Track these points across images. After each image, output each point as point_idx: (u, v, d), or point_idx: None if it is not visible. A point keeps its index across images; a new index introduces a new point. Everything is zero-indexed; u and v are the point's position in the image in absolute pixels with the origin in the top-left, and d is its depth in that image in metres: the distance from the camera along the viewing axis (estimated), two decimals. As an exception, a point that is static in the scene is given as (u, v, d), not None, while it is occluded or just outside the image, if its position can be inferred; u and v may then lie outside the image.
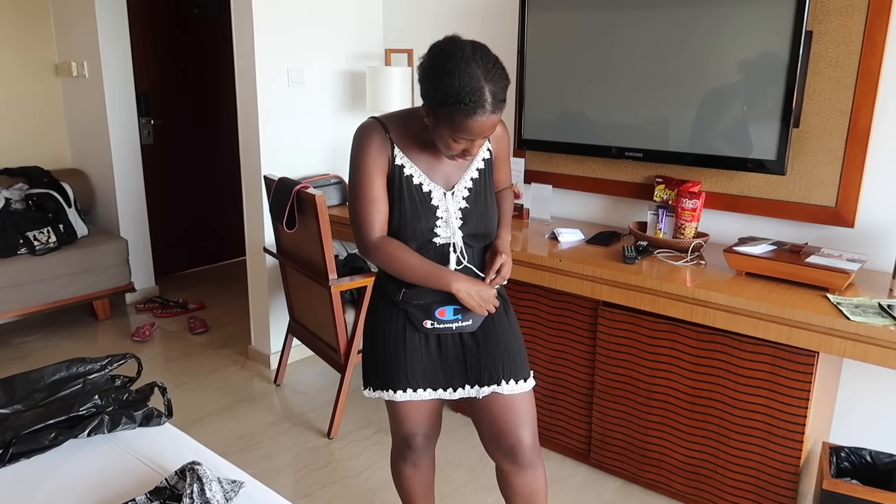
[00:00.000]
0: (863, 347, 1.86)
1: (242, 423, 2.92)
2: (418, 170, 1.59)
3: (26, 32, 4.08)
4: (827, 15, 2.23)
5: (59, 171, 4.10)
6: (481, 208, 1.65)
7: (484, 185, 1.66)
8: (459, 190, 1.63)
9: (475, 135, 1.45)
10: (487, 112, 1.41)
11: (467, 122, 1.42)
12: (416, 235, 1.59)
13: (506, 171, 1.82)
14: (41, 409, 1.66)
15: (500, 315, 1.73)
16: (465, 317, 1.66)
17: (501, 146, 1.73)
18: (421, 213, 1.59)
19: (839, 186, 2.30)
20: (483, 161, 1.66)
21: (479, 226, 1.64)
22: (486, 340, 1.69)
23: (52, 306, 3.68)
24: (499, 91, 1.42)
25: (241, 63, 3.16)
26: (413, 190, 1.59)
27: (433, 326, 1.65)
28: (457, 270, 1.64)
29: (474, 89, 1.39)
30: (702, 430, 2.27)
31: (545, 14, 2.78)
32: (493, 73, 1.41)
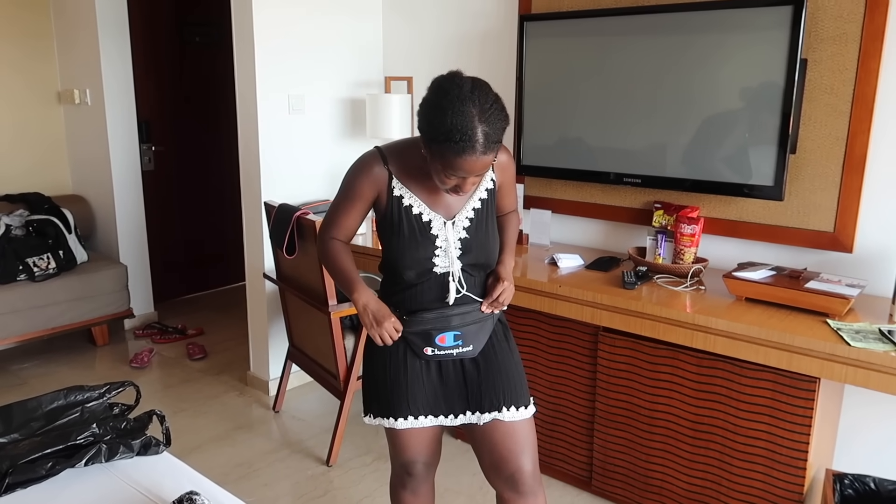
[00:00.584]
0: (864, 373, 1.85)
1: (241, 450, 2.90)
2: (418, 200, 1.61)
3: (29, 60, 4.12)
4: (821, 43, 2.26)
5: (60, 198, 4.11)
6: (482, 238, 1.65)
7: (486, 215, 1.66)
8: (460, 220, 1.64)
9: (465, 173, 1.46)
10: (478, 153, 1.41)
11: (457, 161, 1.43)
12: (415, 264, 1.61)
13: (512, 196, 1.83)
14: (38, 438, 1.65)
15: (501, 341, 1.74)
16: (466, 343, 1.67)
17: (506, 175, 1.74)
18: (420, 243, 1.60)
19: (837, 212, 2.31)
20: (486, 191, 1.67)
21: (479, 256, 1.66)
22: (488, 367, 1.70)
23: (50, 332, 3.67)
24: (493, 132, 1.42)
25: (242, 90, 3.19)
26: (413, 220, 1.61)
27: (434, 353, 1.66)
28: (456, 299, 1.65)
29: (465, 129, 1.39)
30: (704, 456, 2.25)
31: (544, 41, 2.81)
32: (488, 113, 1.41)
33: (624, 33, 2.60)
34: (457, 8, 3.27)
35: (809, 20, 2.24)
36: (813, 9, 2.24)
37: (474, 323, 1.67)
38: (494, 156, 1.46)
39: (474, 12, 3.20)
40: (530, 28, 2.84)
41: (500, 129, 1.44)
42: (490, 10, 3.13)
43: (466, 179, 1.49)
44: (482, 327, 1.70)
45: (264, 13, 3.06)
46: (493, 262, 1.70)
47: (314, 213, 2.81)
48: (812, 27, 2.25)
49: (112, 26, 3.91)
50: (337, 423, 2.78)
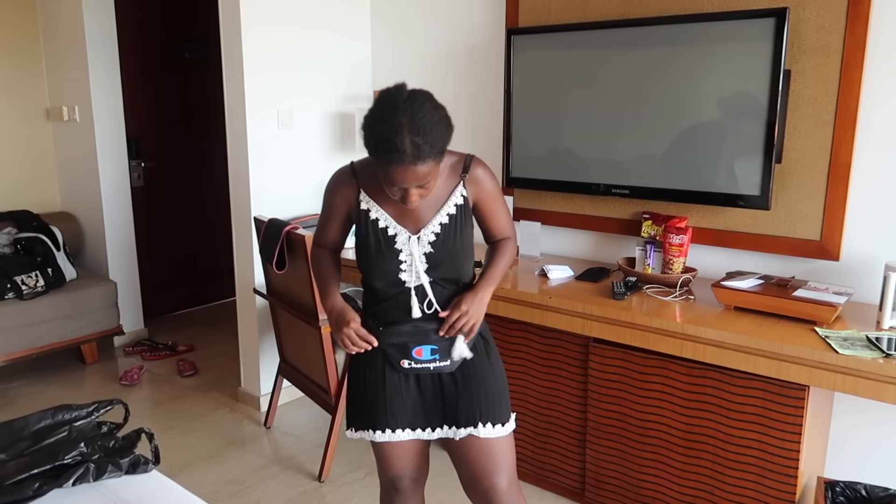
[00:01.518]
0: (853, 380, 1.87)
1: (232, 467, 2.88)
2: (384, 213, 1.62)
3: (17, 77, 4.11)
4: (804, 54, 2.29)
5: (49, 215, 4.09)
6: (448, 254, 1.63)
7: (454, 231, 1.64)
8: (426, 234, 1.62)
9: (398, 183, 1.46)
10: (406, 163, 1.41)
11: (390, 171, 1.44)
12: (382, 276, 1.63)
13: (499, 218, 1.76)
14: (25, 459, 1.63)
15: (481, 356, 1.72)
16: (444, 357, 1.65)
17: (481, 192, 1.68)
18: (385, 256, 1.62)
19: (823, 220, 2.33)
20: (455, 206, 1.64)
21: (448, 271, 1.64)
22: (465, 382, 1.68)
23: (38, 351, 3.64)
24: (424, 142, 1.41)
25: (231, 105, 3.19)
26: (378, 233, 1.62)
27: (410, 366, 1.66)
28: (428, 314, 1.65)
29: (392, 139, 1.40)
30: (696, 466, 2.25)
31: (531, 54, 2.84)
32: (420, 122, 1.41)
33: (610, 46, 2.62)
34: (445, 22, 3.29)
35: (792, 32, 2.27)
36: (795, 21, 2.27)
37: (452, 337, 1.65)
38: (432, 166, 1.45)
39: (462, 26, 3.23)
40: (517, 41, 2.86)
41: (436, 137, 1.43)
42: (477, 25, 3.16)
43: (409, 190, 1.49)
44: (460, 342, 1.67)
45: (253, 29, 3.07)
46: (465, 277, 1.69)
47: (304, 227, 2.81)
48: (795, 39, 2.28)
49: (101, 42, 3.91)
50: (328, 439, 2.76)
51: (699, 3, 2.48)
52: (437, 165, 1.48)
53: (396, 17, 3.49)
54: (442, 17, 3.30)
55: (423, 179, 1.46)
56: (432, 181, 1.50)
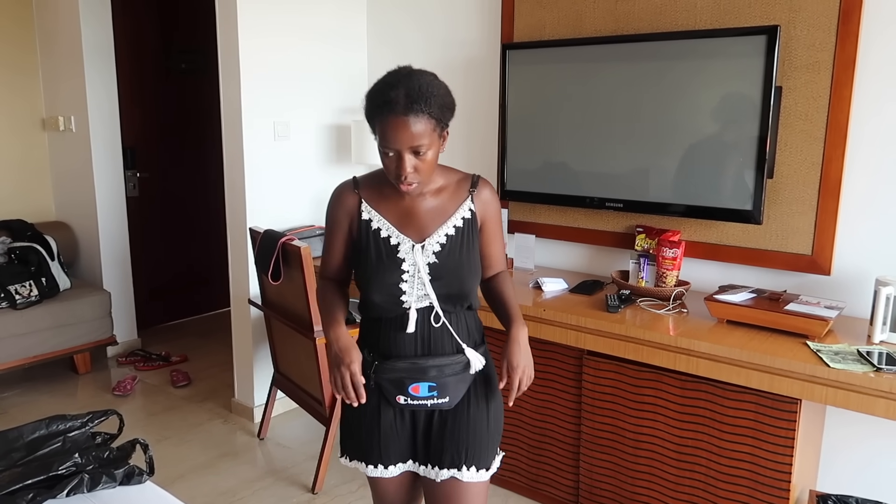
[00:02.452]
0: (844, 394, 1.88)
1: (225, 478, 2.87)
2: (387, 223, 1.57)
3: (14, 87, 4.12)
4: (795, 71, 2.32)
5: (43, 224, 4.09)
6: (453, 266, 1.56)
7: (460, 244, 1.58)
8: (431, 244, 1.56)
9: (390, 142, 1.43)
10: (397, 113, 1.40)
11: (381, 126, 1.43)
12: (381, 289, 1.55)
13: (498, 246, 1.71)
14: (19, 469, 1.63)
15: (478, 395, 1.63)
16: (442, 394, 1.57)
17: (488, 211, 1.64)
18: (386, 267, 1.55)
19: (814, 235, 2.35)
20: (462, 220, 1.59)
21: (452, 284, 1.56)
22: (455, 420, 1.61)
23: (31, 361, 3.62)
24: (417, 95, 1.40)
25: (227, 117, 3.21)
26: (380, 243, 1.57)
27: (406, 402, 1.58)
28: (423, 349, 1.56)
29: (386, 90, 1.41)
30: (689, 479, 2.26)
31: (526, 68, 2.86)
32: (417, 81, 1.42)
33: (604, 61, 2.65)
34: (441, 37, 3.32)
35: (783, 49, 2.31)
36: (786, 38, 2.31)
37: (453, 375, 1.57)
38: (426, 127, 1.42)
39: (458, 41, 3.26)
40: (512, 56, 2.89)
41: (432, 96, 1.42)
42: (473, 39, 3.19)
43: (403, 158, 1.44)
44: (462, 379, 1.59)
45: (250, 41, 3.09)
46: (467, 293, 1.59)
47: (299, 238, 2.82)
48: (786, 56, 2.32)
49: (97, 53, 3.92)
50: (322, 450, 2.76)
51: (692, 20, 2.51)
52: (432, 130, 1.44)
53: (393, 30, 3.52)
54: (438, 31, 3.33)
55: (415, 139, 1.41)
56: (428, 150, 1.44)
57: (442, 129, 1.48)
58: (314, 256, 2.79)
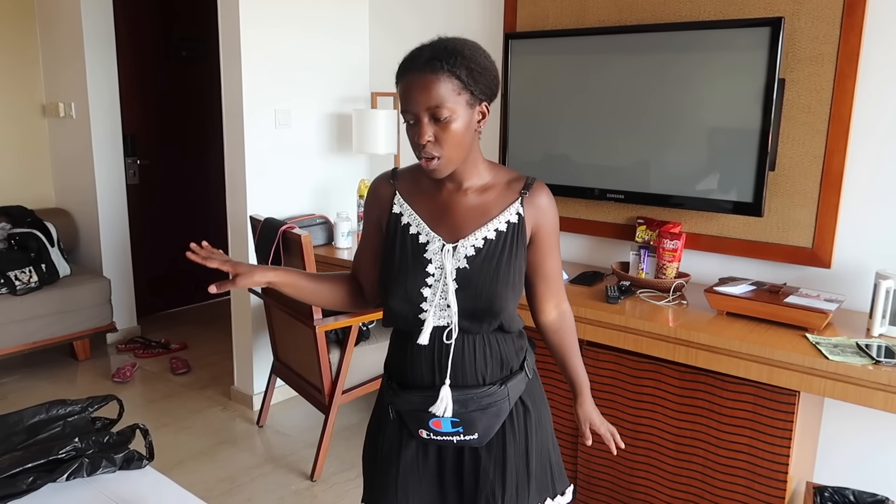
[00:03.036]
0: (842, 387, 1.89)
1: (224, 465, 2.88)
2: (418, 218, 1.38)
3: (14, 73, 4.10)
4: (798, 63, 2.31)
5: (43, 211, 4.08)
6: (487, 276, 1.33)
7: (500, 252, 1.34)
8: (464, 247, 1.34)
9: (407, 101, 1.27)
10: (416, 66, 1.25)
11: (401, 87, 1.28)
12: (402, 293, 1.34)
13: (553, 268, 1.45)
14: (19, 453, 1.63)
15: (518, 432, 1.41)
16: (469, 430, 1.35)
17: (543, 220, 1.40)
18: (410, 268, 1.34)
19: (815, 228, 2.35)
20: (507, 224, 1.36)
21: (480, 297, 1.32)
22: (490, 460, 1.40)
23: (31, 347, 3.63)
24: (439, 51, 1.25)
25: (228, 105, 3.20)
26: (408, 240, 1.37)
27: (430, 437, 1.38)
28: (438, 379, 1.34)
29: (415, 49, 1.28)
30: (686, 469, 2.27)
31: (528, 59, 2.85)
32: (449, 40, 1.29)
33: (607, 52, 2.64)
34: (442, 26, 3.29)
35: (787, 41, 2.30)
36: (790, 30, 2.30)
37: (480, 410, 1.34)
38: (448, 88, 1.24)
39: (460, 30, 3.21)
40: (515, 46, 2.88)
41: (460, 56, 1.25)
42: (475, 29, 3.18)
43: (421, 122, 1.26)
44: (494, 413, 1.37)
45: (251, 29, 3.08)
46: (498, 311, 1.34)
47: (300, 227, 2.82)
48: (790, 48, 2.31)
49: (98, 40, 3.91)
50: (321, 438, 2.77)
51: (695, 11, 2.50)
52: (457, 94, 1.25)
53: (394, 20, 3.51)
54: (440, 20, 3.31)
55: (433, 100, 1.23)
56: (449, 115, 1.25)
57: (473, 98, 1.28)
58: (314, 245, 2.81)
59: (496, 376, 1.37)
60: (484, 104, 1.31)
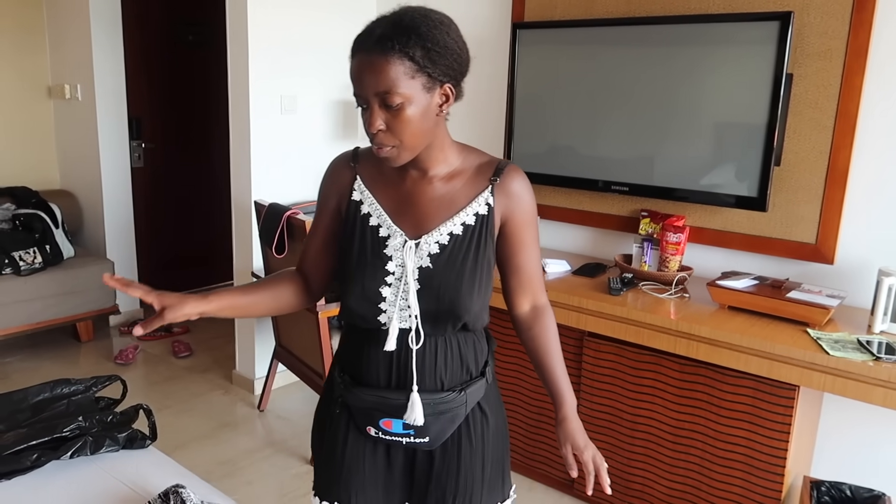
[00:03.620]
0: (842, 382, 1.89)
1: (224, 448, 2.90)
2: (379, 208, 1.25)
3: (20, 54, 4.10)
4: (807, 59, 2.31)
5: (48, 192, 4.09)
6: (451, 276, 1.21)
7: (467, 247, 1.23)
8: (427, 244, 1.22)
9: (355, 83, 1.14)
10: (364, 49, 1.11)
11: (352, 62, 1.14)
12: (359, 291, 1.23)
13: (530, 259, 1.31)
14: (24, 430, 1.65)
15: (474, 436, 1.32)
16: (420, 433, 1.26)
17: (515, 209, 1.27)
18: (369, 263, 1.23)
19: (819, 224, 2.35)
20: (475, 217, 1.24)
21: (443, 299, 1.21)
22: (444, 464, 1.31)
23: (34, 327, 3.64)
24: (395, 32, 1.10)
25: (234, 90, 3.20)
26: (367, 232, 1.25)
27: (378, 436, 1.29)
28: (397, 381, 1.25)
29: (370, 24, 1.15)
30: (684, 461, 2.28)
31: (536, 49, 2.85)
32: (401, 16, 1.14)
33: (615, 43, 2.64)
34: (450, 13, 3.28)
35: (796, 36, 2.29)
36: (799, 25, 2.29)
37: (433, 415, 1.25)
38: (399, 71, 1.10)
39: (467, 19, 3.23)
40: (523, 36, 2.87)
41: (413, 30, 1.11)
42: (483, 17, 3.17)
43: (372, 109, 1.13)
44: (448, 418, 1.28)
45: (259, 14, 3.08)
46: (461, 313, 1.23)
47: (304, 213, 2.82)
48: (798, 43, 2.30)
49: (105, 22, 3.90)
50: (322, 423, 2.78)
51: (704, 4, 2.49)
52: (411, 78, 1.11)
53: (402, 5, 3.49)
54: (448, 8, 3.28)
55: (382, 84, 1.10)
56: (401, 101, 1.11)
57: (431, 81, 1.14)
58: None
59: (456, 381, 1.27)
60: (447, 86, 1.17)
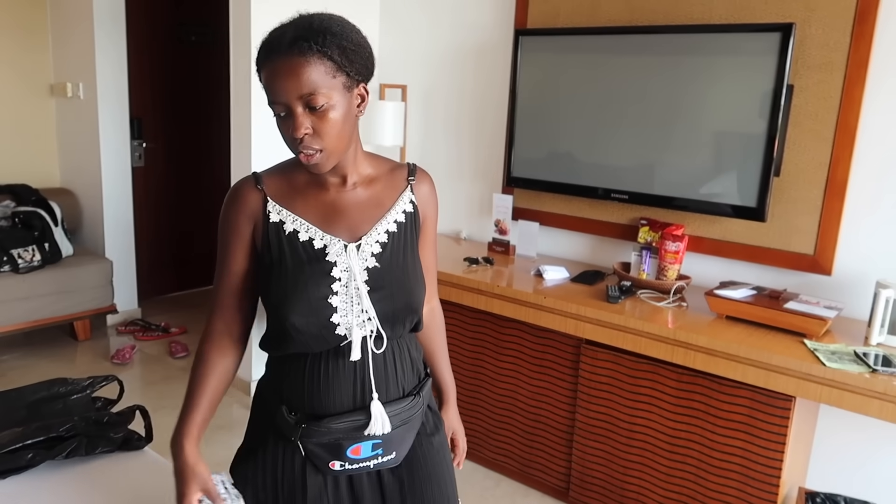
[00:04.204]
0: (838, 393, 1.90)
1: (218, 450, 2.88)
2: (306, 223, 1.20)
3: (23, 52, 4.11)
4: (808, 70, 2.31)
5: (48, 190, 4.09)
6: (398, 272, 1.22)
7: (404, 244, 1.24)
8: (368, 244, 1.20)
9: (276, 91, 1.09)
10: (281, 51, 1.08)
11: (266, 74, 1.10)
12: (305, 307, 1.15)
13: (431, 258, 1.36)
14: (19, 429, 1.64)
15: (430, 436, 1.32)
16: (388, 450, 1.22)
17: (428, 209, 1.32)
18: (310, 276, 1.16)
19: (817, 235, 2.36)
20: (404, 214, 1.26)
21: (397, 297, 1.21)
22: (413, 478, 1.28)
23: (32, 325, 3.64)
24: (304, 30, 1.08)
25: (236, 90, 3.20)
26: (300, 248, 1.18)
27: (343, 468, 1.21)
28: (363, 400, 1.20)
29: (275, 31, 1.12)
30: (680, 470, 2.28)
31: (538, 55, 2.85)
32: (313, 18, 1.12)
33: (617, 51, 2.64)
34: (453, 20, 3.30)
35: (797, 47, 2.30)
36: (801, 36, 2.30)
37: (401, 425, 1.23)
38: (319, 71, 1.08)
39: (470, 25, 3.24)
40: (525, 42, 2.88)
41: (327, 31, 1.09)
42: (486, 23, 3.17)
43: (295, 112, 1.09)
44: (410, 427, 1.26)
45: (262, 15, 3.08)
46: (416, 308, 1.25)
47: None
48: (799, 54, 2.31)
49: (108, 21, 3.91)
50: (318, 426, 2.78)
51: (707, 14, 2.50)
52: (332, 77, 1.09)
53: (405, 12, 3.50)
54: (450, 14, 3.31)
55: (305, 86, 1.07)
56: (325, 101, 1.09)
57: (350, 80, 1.12)
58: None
59: (411, 384, 1.27)
60: (361, 86, 1.16)
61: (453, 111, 3.29)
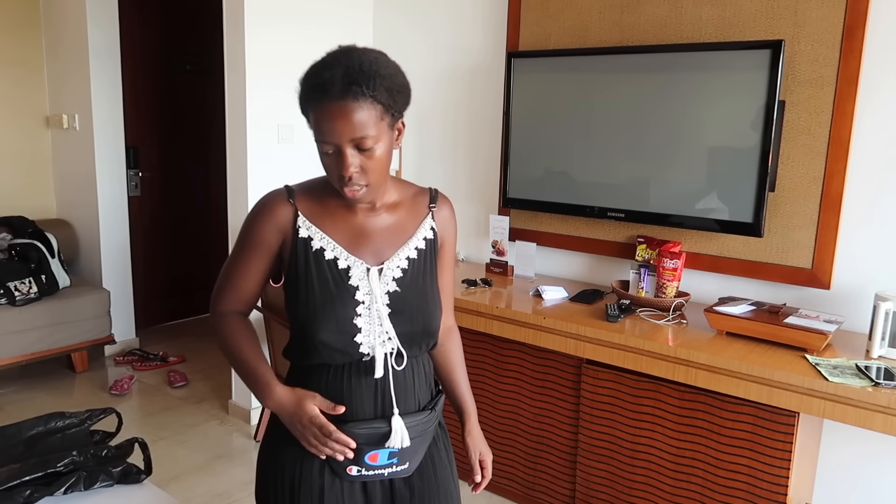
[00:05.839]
0: (841, 408, 1.88)
1: (220, 480, 2.86)
2: (332, 242, 1.26)
3: (19, 84, 4.13)
4: (799, 86, 2.34)
5: (44, 221, 4.09)
6: (417, 298, 1.29)
7: (423, 270, 1.31)
8: (390, 269, 1.27)
9: (328, 133, 1.15)
10: (334, 95, 1.12)
11: (316, 115, 1.16)
12: (331, 327, 1.23)
13: (449, 279, 1.42)
14: (17, 466, 1.62)
15: (440, 451, 1.39)
16: (402, 460, 1.29)
17: (447, 233, 1.38)
18: (336, 297, 1.23)
19: (815, 249, 2.36)
20: (424, 240, 1.33)
21: (416, 320, 1.28)
22: (424, 488, 1.34)
23: (29, 358, 3.62)
24: (355, 73, 1.12)
25: (231, 119, 3.22)
26: (325, 267, 1.25)
27: (360, 474, 1.28)
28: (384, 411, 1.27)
29: (321, 70, 1.15)
30: (685, 490, 2.26)
31: (531, 77, 2.88)
32: (356, 55, 1.15)
33: (609, 71, 2.67)
34: (447, 44, 3.33)
35: (787, 64, 2.32)
36: (790, 53, 2.32)
37: (417, 437, 1.29)
38: (369, 114, 1.14)
39: (464, 48, 3.27)
40: (517, 64, 2.90)
41: (375, 74, 1.13)
42: (479, 47, 3.20)
43: (344, 152, 1.16)
44: (424, 439, 1.33)
45: (257, 44, 3.11)
46: (434, 331, 1.32)
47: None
48: (790, 70, 2.33)
49: (103, 52, 3.94)
50: (319, 454, 2.75)
51: (697, 33, 2.53)
52: (379, 119, 1.15)
53: (398, 37, 3.53)
54: (443, 39, 3.34)
55: (357, 130, 1.13)
56: (373, 143, 1.16)
57: (394, 119, 1.19)
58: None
59: (427, 398, 1.35)
60: (400, 120, 1.23)
61: (448, 133, 3.30)
